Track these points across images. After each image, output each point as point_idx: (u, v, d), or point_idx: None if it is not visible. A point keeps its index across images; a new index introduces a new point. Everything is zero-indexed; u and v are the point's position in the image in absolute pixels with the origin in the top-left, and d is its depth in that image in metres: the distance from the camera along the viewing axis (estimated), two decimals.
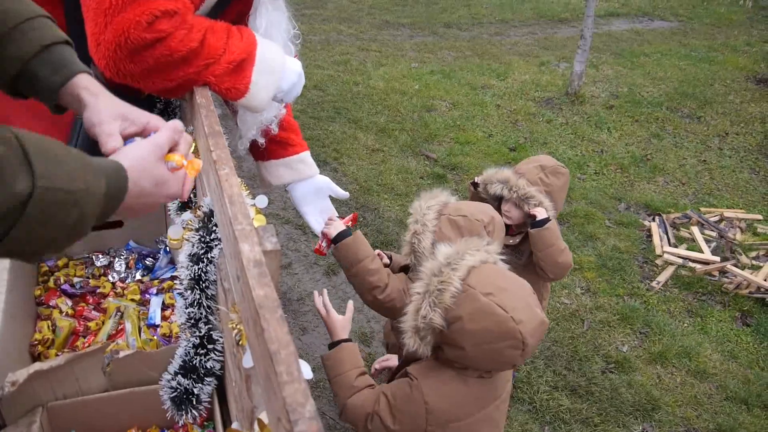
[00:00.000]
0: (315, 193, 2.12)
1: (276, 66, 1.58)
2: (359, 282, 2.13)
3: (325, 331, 3.64)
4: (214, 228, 1.52)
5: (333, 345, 1.97)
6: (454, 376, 1.69)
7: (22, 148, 0.65)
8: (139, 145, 0.99)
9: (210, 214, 1.55)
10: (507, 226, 2.55)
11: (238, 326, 1.25)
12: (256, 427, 1.02)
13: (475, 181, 2.71)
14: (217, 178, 1.42)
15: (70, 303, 2.15)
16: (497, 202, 2.64)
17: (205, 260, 1.50)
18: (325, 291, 2.13)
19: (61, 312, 2.10)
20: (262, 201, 1.80)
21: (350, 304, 2.11)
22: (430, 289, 1.61)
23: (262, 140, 1.93)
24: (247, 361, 1.14)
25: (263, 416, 1.04)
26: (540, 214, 2.49)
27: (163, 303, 2.13)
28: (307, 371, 1.11)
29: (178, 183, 1.05)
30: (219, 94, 1.58)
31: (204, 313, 1.48)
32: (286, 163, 1.98)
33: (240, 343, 1.22)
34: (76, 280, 2.25)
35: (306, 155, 2.05)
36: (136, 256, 2.38)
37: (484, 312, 1.54)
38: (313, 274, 4.06)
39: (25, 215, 0.65)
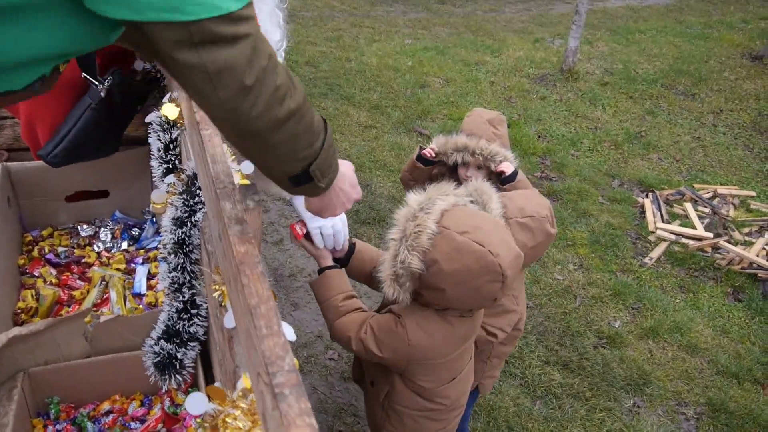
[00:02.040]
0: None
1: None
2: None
3: (316, 307, 3.61)
4: (198, 191, 1.48)
5: (321, 272, 1.95)
6: (437, 316, 1.73)
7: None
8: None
9: (194, 178, 1.52)
10: None
11: (221, 288, 1.22)
12: (240, 383, 0.99)
13: (423, 155, 2.53)
14: (200, 138, 1.39)
15: (54, 272, 2.12)
16: (452, 169, 2.55)
17: (188, 224, 1.47)
18: (297, 228, 1.97)
19: (45, 281, 2.07)
20: (247, 166, 1.77)
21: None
22: (406, 234, 1.62)
23: None
24: (229, 322, 1.11)
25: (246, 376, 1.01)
26: (507, 168, 2.38)
27: (149, 272, 2.10)
28: (290, 333, 1.09)
29: (358, 194, 1.39)
30: None
31: (188, 277, 1.46)
32: None
33: (222, 303, 1.19)
34: (60, 249, 2.22)
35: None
36: (122, 226, 2.35)
37: (461, 250, 1.56)
38: (304, 251, 4.03)
39: (327, 131, 1.10)
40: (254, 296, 0.90)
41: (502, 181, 2.37)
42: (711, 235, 4.25)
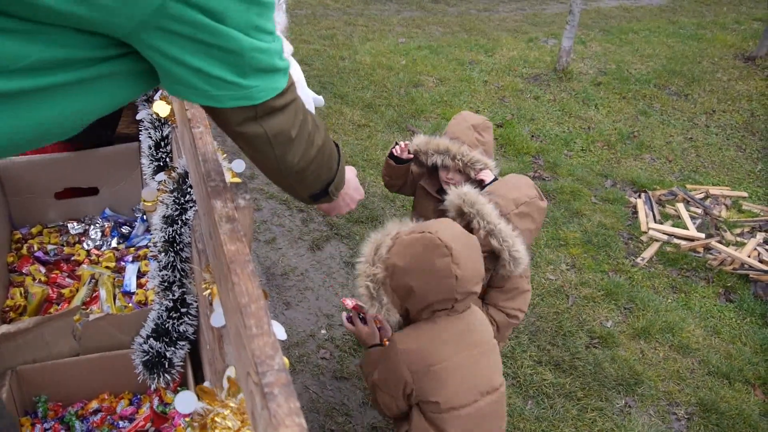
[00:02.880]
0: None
1: None
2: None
3: (308, 306, 3.63)
4: (189, 189, 1.47)
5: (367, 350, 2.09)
6: (425, 323, 1.82)
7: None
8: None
9: (185, 176, 1.50)
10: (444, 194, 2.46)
11: (211, 286, 1.21)
12: (225, 383, 0.98)
13: (396, 154, 2.59)
14: (191, 136, 1.37)
15: (43, 270, 2.10)
16: (431, 170, 2.56)
17: (179, 222, 1.45)
18: (348, 301, 2.15)
19: (34, 279, 2.05)
20: (239, 165, 1.76)
21: (369, 316, 2.11)
22: (369, 256, 1.82)
23: None
24: (216, 320, 1.10)
25: (231, 372, 1.00)
26: (487, 177, 2.41)
27: (139, 270, 2.08)
28: (280, 332, 1.08)
29: (361, 195, 1.67)
30: None
31: (178, 276, 1.44)
32: None
33: (211, 302, 1.18)
34: (50, 247, 2.20)
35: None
36: (112, 224, 2.33)
37: (408, 244, 1.75)
38: (297, 249, 4.02)
39: (341, 154, 1.33)
40: (244, 295, 0.89)
41: (483, 187, 2.37)
42: (703, 235, 4.26)
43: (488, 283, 2.34)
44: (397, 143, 2.60)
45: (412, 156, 2.55)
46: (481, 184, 2.40)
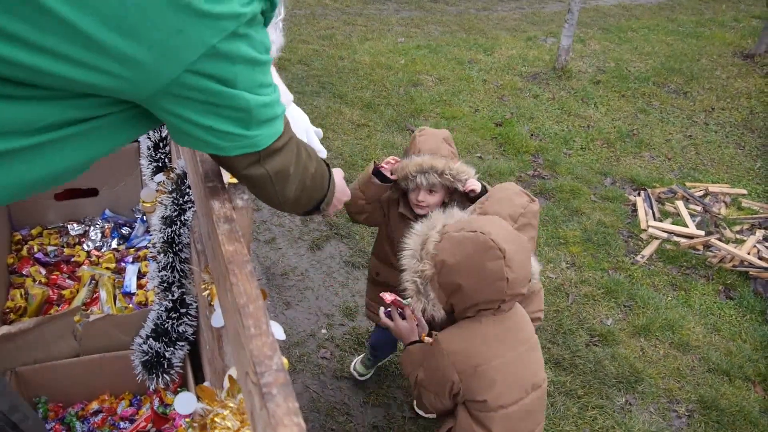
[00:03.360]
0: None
1: None
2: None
3: (308, 305, 3.63)
4: (187, 190, 1.47)
5: (405, 348, 2.04)
6: (469, 321, 1.80)
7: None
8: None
9: (183, 176, 1.50)
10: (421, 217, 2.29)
11: (210, 287, 1.21)
12: (225, 382, 0.99)
13: (381, 168, 2.35)
14: None
15: (44, 272, 2.11)
16: (404, 195, 2.41)
17: (178, 222, 1.45)
18: (386, 295, 2.09)
19: (34, 280, 2.05)
20: None
21: (408, 311, 2.06)
22: (415, 251, 1.79)
23: None
24: (216, 321, 1.10)
25: (233, 372, 1.00)
26: (476, 186, 2.28)
27: (139, 271, 2.08)
28: (279, 332, 1.08)
29: (348, 196, 1.69)
30: None
31: (177, 276, 1.45)
32: None
33: (211, 302, 1.18)
34: (50, 248, 2.21)
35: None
36: (112, 225, 2.33)
37: (459, 242, 1.71)
38: (297, 249, 4.02)
39: (331, 175, 1.41)
40: (243, 295, 0.89)
41: (471, 198, 2.28)
42: (702, 233, 4.26)
43: None
44: (376, 163, 2.40)
45: (395, 177, 2.35)
46: (468, 196, 2.30)
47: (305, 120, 1.92)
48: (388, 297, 2.08)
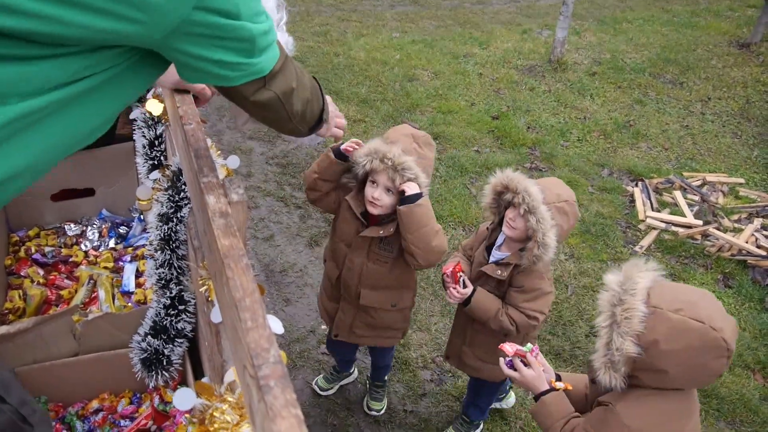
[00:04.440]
0: None
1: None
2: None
3: (308, 302, 3.63)
4: (183, 187, 1.47)
5: (536, 398, 1.93)
6: (651, 393, 1.65)
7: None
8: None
9: (179, 173, 1.50)
10: (372, 217, 2.27)
11: (207, 282, 1.21)
12: (229, 376, 0.99)
13: (346, 150, 2.22)
14: (183, 133, 1.37)
15: (42, 272, 2.11)
16: (360, 186, 2.28)
17: (174, 219, 1.45)
18: (506, 346, 2.03)
19: (32, 281, 2.05)
20: (233, 161, 1.76)
21: (531, 357, 1.98)
22: (616, 320, 1.59)
23: None
24: (215, 316, 1.10)
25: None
26: (410, 188, 2.11)
27: (138, 270, 2.08)
28: (277, 326, 1.08)
29: (342, 116, 1.83)
30: None
31: (175, 273, 1.45)
32: None
33: (209, 298, 1.18)
34: (47, 249, 2.20)
35: None
36: (110, 224, 2.33)
37: (680, 330, 1.52)
38: (295, 246, 4.02)
39: (321, 85, 1.48)
40: (239, 289, 0.89)
41: (402, 200, 2.14)
42: (700, 222, 4.27)
43: (509, 282, 2.31)
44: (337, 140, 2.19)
45: (353, 157, 2.21)
46: (402, 196, 2.15)
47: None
48: (508, 348, 1.99)
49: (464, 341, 2.54)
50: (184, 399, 0.97)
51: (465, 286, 2.33)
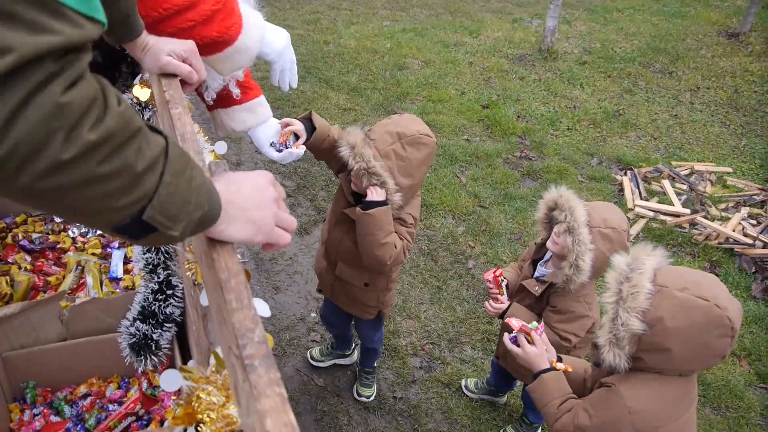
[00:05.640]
0: (276, 134, 2.06)
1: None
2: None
3: (298, 289, 3.63)
4: None
5: (535, 376, 1.95)
6: (654, 378, 1.67)
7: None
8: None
9: None
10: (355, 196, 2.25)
11: (194, 266, 1.22)
12: (212, 359, 0.99)
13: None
14: (169, 117, 1.37)
15: (29, 259, 2.10)
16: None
17: None
18: (513, 321, 2.05)
19: (19, 268, 2.04)
20: (221, 147, 1.76)
21: (535, 335, 1.99)
22: (622, 296, 1.60)
23: (236, 90, 1.89)
24: (204, 299, 1.11)
25: (219, 350, 1.01)
26: (372, 194, 2.09)
27: (125, 256, 2.08)
28: (264, 309, 1.08)
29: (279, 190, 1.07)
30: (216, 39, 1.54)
31: (162, 258, 1.45)
32: (248, 108, 1.94)
33: (196, 282, 1.18)
34: (35, 236, 2.19)
35: (263, 98, 2.02)
36: None
37: (685, 307, 1.54)
38: None
39: (170, 156, 0.76)
40: (224, 270, 0.89)
41: (364, 204, 2.13)
42: (688, 211, 4.29)
43: (547, 301, 2.32)
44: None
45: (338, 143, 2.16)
46: (365, 201, 2.13)
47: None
48: (515, 323, 2.00)
49: None
50: (170, 380, 0.98)
51: (507, 289, 2.40)
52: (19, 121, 0.59)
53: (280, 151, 2.07)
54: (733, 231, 4.08)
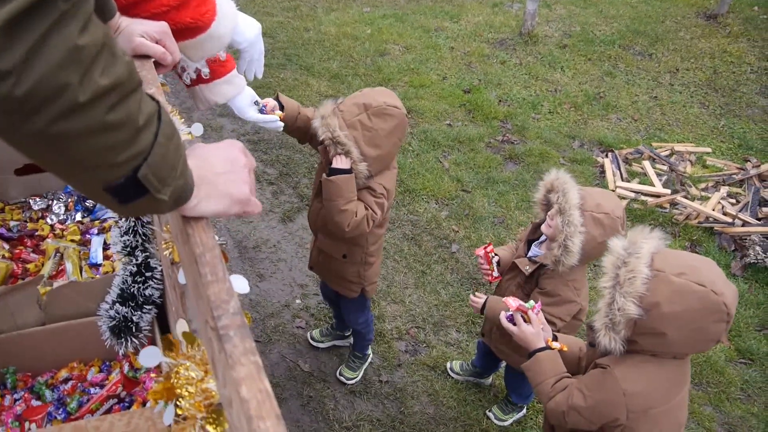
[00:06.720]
0: (252, 101, 2.10)
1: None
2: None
3: (282, 276, 3.63)
4: None
5: (531, 355, 1.95)
6: (648, 360, 1.68)
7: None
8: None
9: None
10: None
11: (171, 245, 1.21)
12: (178, 327, 0.99)
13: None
14: None
15: (7, 246, 2.08)
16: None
17: None
18: (510, 300, 2.07)
19: None
20: (198, 129, 1.75)
21: (532, 314, 2.02)
22: (619, 281, 1.60)
23: (206, 69, 1.90)
24: (182, 277, 1.11)
25: (182, 327, 1.01)
26: (336, 162, 2.19)
27: (105, 243, 2.07)
28: (242, 285, 1.08)
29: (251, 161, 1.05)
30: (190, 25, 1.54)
31: (140, 240, 1.44)
32: (227, 80, 1.95)
33: (173, 261, 1.18)
34: (12, 223, 2.18)
35: (236, 69, 2.04)
36: (76, 198, 2.30)
37: (682, 292, 1.54)
38: (268, 222, 4.02)
39: (162, 118, 0.76)
40: (199, 245, 0.89)
41: (328, 171, 2.23)
42: (669, 191, 4.33)
43: (536, 283, 2.34)
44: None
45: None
46: (330, 167, 2.23)
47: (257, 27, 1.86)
48: (512, 302, 2.02)
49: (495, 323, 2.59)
50: (149, 357, 0.98)
51: (499, 266, 2.46)
52: (38, 61, 0.59)
53: (262, 111, 2.14)
54: (713, 210, 4.12)
